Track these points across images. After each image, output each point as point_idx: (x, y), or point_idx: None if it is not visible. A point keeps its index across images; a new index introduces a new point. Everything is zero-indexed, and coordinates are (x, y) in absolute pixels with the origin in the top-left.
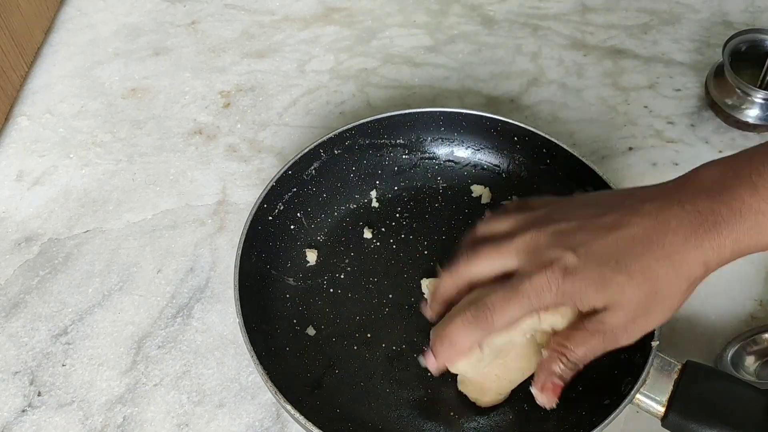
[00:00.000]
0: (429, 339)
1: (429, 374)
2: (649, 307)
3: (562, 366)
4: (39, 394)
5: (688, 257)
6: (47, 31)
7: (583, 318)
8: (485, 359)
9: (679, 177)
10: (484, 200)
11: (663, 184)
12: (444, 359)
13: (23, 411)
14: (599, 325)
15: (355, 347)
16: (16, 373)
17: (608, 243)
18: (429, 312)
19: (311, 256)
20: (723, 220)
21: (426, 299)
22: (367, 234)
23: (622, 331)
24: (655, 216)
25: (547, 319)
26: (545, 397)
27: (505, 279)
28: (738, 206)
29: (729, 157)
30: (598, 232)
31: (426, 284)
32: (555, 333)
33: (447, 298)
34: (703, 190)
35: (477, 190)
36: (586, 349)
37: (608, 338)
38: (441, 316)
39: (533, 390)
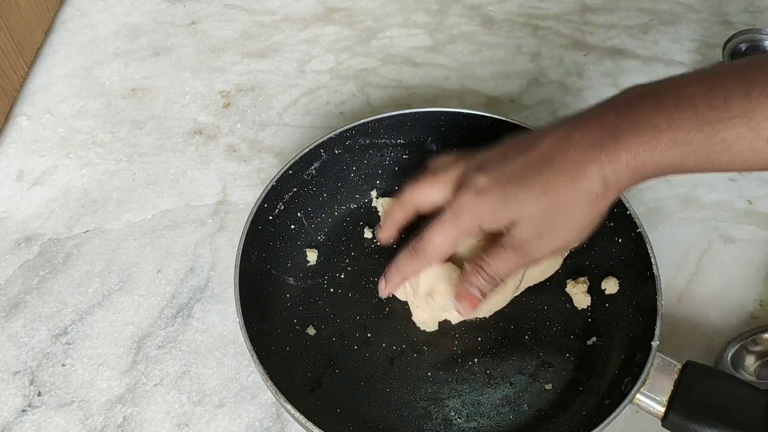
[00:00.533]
0: (428, 339)
1: (429, 373)
2: (552, 220)
3: (480, 279)
4: (39, 394)
5: (587, 170)
6: (47, 31)
7: (500, 236)
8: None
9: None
10: None
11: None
12: (392, 286)
13: (23, 411)
14: (510, 239)
15: (355, 347)
16: (16, 373)
17: (516, 163)
18: (381, 233)
19: (311, 256)
20: (621, 132)
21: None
22: (367, 234)
23: (530, 244)
24: (561, 133)
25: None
26: (461, 306)
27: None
28: (637, 120)
29: (660, 80)
30: (510, 156)
31: (381, 203)
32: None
33: (396, 222)
34: (614, 106)
35: None
36: (501, 262)
37: (520, 252)
38: (391, 237)
39: (451, 300)
